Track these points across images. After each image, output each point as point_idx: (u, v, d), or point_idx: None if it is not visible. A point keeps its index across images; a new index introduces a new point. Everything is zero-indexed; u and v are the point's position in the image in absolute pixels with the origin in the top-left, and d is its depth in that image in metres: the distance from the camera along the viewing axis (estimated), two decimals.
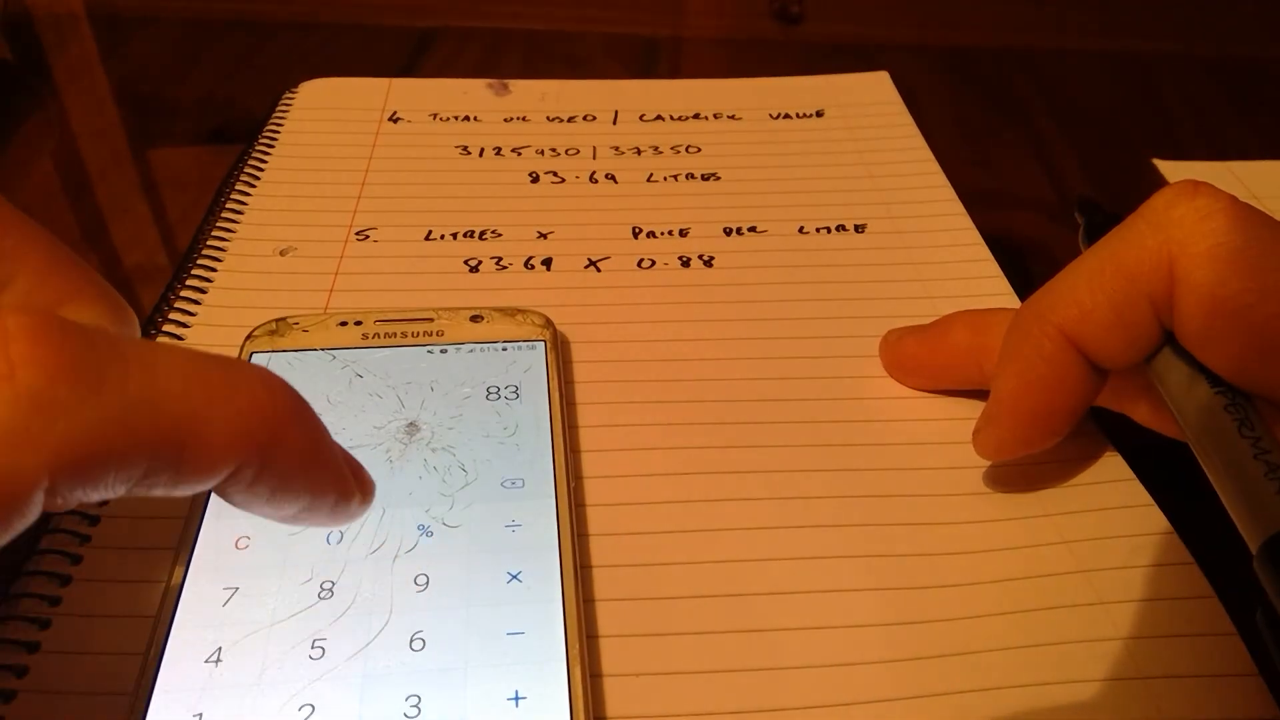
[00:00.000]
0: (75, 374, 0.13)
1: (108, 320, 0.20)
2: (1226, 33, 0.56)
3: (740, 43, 0.55)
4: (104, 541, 0.24)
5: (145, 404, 0.14)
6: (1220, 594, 0.23)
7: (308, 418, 0.16)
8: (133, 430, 0.14)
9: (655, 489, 0.26)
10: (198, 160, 0.42)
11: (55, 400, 0.13)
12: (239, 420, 0.15)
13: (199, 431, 0.14)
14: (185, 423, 0.14)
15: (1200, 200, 0.22)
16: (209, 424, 0.14)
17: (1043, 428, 0.25)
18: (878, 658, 0.22)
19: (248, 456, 0.15)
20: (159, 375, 0.14)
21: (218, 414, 0.15)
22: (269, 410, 0.15)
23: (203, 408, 0.14)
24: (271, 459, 0.15)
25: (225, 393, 0.15)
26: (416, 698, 0.20)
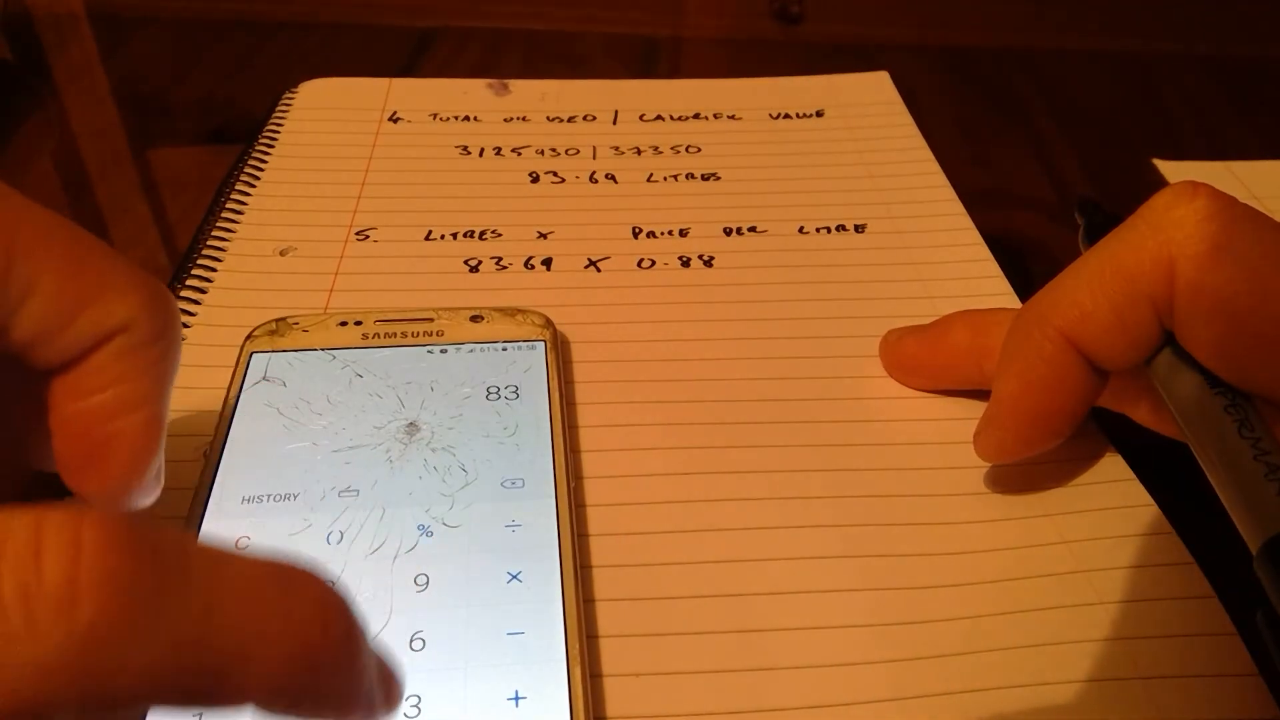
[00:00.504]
0: (138, 606, 0.12)
1: (145, 314, 0.19)
2: (1226, 33, 0.56)
3: (740, 43, 0.55)
4: None
5: (196, 645, 0.13)
6: (1220, 594, 0.23)
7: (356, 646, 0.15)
8: (177, 674, 0.13)
9: (655, 489, 0.26)
10: (198, 160, 0.42)
11: (111, 640, 0.12)
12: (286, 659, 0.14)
13: (242, 669, 0.13)
14: (231, 660, 0.13)
15: (1200, 201, 0.22)
16: (253, 662, 0.13)
17: (1044, 429, 0.25)
18: (877, 658, 0.22)
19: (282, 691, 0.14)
20: (216, 605, 0.13)
21: (266, 651, 0.13)
22: (318, 646, 0.14)
23: (252, 643, 0.13)
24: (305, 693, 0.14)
25: (280, 625, 0.14)
26: (416, 698, 0.20)
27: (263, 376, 0.28)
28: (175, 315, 0.20)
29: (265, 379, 0.27)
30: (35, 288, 0.18)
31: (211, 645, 0.13)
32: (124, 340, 0.19)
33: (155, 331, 0.19)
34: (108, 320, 0.19)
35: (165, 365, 0.20)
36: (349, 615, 0.14)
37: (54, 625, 0.12)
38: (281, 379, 0.27)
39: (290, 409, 0.27)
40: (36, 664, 0.12)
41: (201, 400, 0.28)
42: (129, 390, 0.19)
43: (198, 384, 0.29)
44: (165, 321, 0.20)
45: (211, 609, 0.13)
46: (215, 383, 0.28)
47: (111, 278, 0.19)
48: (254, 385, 0.27)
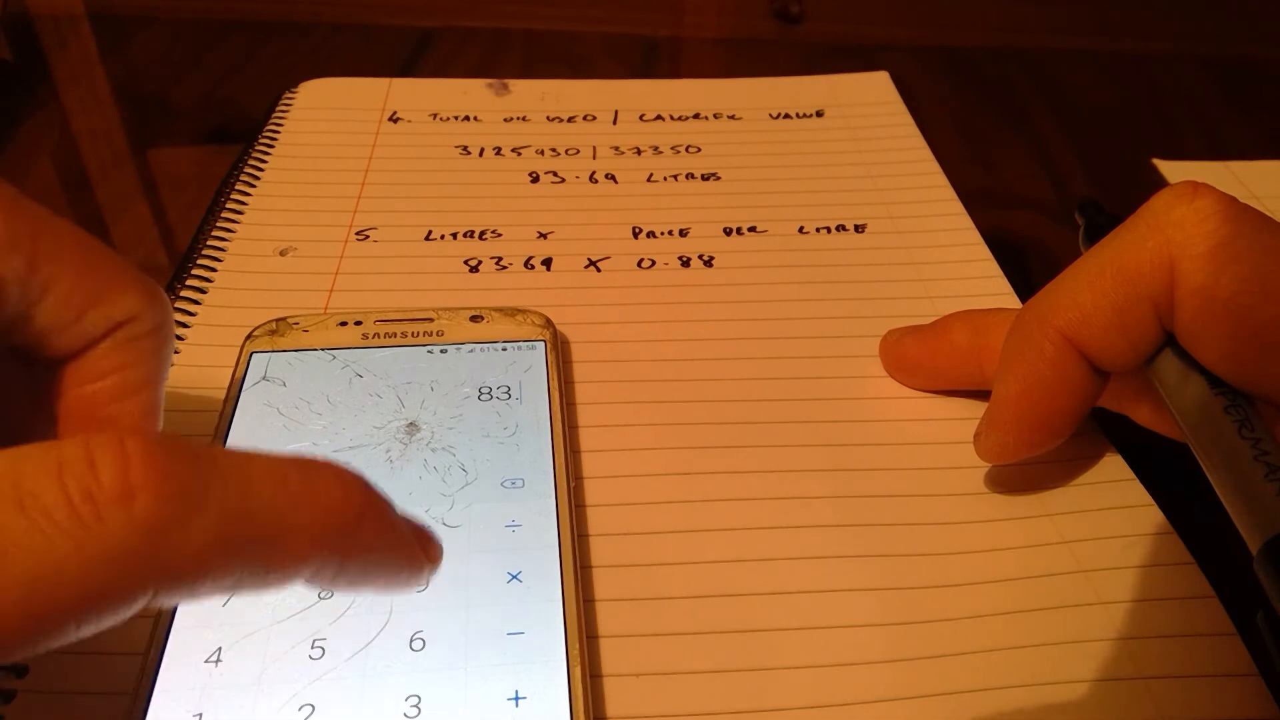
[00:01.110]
0: (185, 497, 0.14)
1: (145, 308, 0.21)
2: (1226, 33, 0.56)
3: (740, 43, 0.55)
4: None
5: (243, 515, 0.15)
6: (1220, 594, 0.23)
7: (382, 510, 0.17)
8: (230, 545, 0.15)
9: (655, 489, 0.26)
10: (198, 160, 0.42)
11: (168, 521, 0.14)
12: (320, 523, 0.16)
13: (285, 537, 0.15)
14: (274, 531, 0.15)
15: (1200, 202, 0.22)
16: (294, 529, 0.16)
17: (1045, 430, 0.25)
18: (877, 657, 0.22)
19: (328, 554, 0.16)
20: (251, 486, 0.15)
21: (301, 519, 0.16)
22: (346, 510, 0.16)
23: (289, 514, 0.16)
24: (349, 554, 0.16)
25: (307, 497, 0.16)
26: (416, 698, 0.20)
27: (263, 376, 0.28)
28: (170, 310, 0.22)
29: (265, 379, 0.27)
30: (53, 285, 0.20)
31: (255, 518, 0.15)
32: (127, 331, 0.21)
33: (154, 324, 0.21)
34: (114, 313, 0.21)
35: (162, 354, 0.22)
36: (367, 485, 0.17)
37: (116, 517, 0.14)
38: (281, 379, 0.27)
39: (290, 409, 0.27)
40: (109, 552, 0.14)
41: (201, 400, 0.28)
42: (130, 375, 0.21)
43: (198, 384, 0.29)
44: (163, 315, 0.22)
45: (247, 490, 0.15)
46: (215, 383, 0.28)
47: (117, 276, 0.21)
48: (254, 385, 0.27)
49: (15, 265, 0.19)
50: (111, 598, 0.14)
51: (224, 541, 0.15)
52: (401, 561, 0.17)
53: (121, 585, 0.14)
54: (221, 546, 0.15)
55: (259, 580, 0.15)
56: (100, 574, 0.14)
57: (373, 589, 0.17)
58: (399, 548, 0.17)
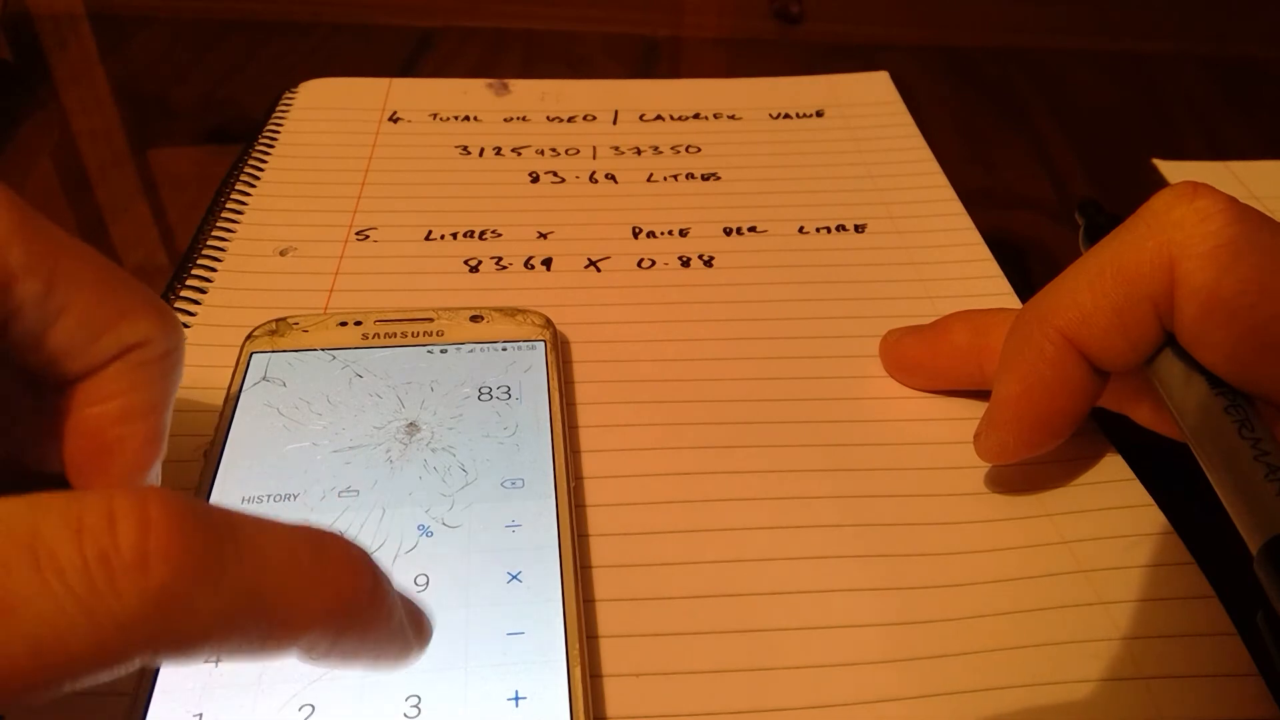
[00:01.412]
0: (199, 571, 0.14)
1: (157, 333, 0.21)
2: (1226, 33, 0.56)
3: (740, 43, 0.55)
4: None
5: (250, 595, 0.15)
6: (1220, 594, 0.23)
7: (383, 594, 0.17)
8: (234, 620, 0.15)
9: (655, 489, 0.26)
10: (198, 160, 0.42)
11: (178, 596, 0.14)
12: (324, 606, 0.16)
13: (289, 617, 0.15)
14: (279, 610, 0.15)
15: (1200, 202, 0.22)
16: (299, 609, 0.16)
17: (1045, 431, 0.25)
18: (877, 658, 0.22)
19: (324, 635, 0.16)
20: (265, 564, 0.15)
21: (306, 600, 0.16)
22: (351, 595, 0.16)
23: (296, 595, 0.16)
24: (345, 634, 0.16)
25: (317, 578, 0.16)
26: (416, 698, 0.20)
27: (263, 376, 0.28)
28: (182, 335, 0.22)
29: (265, 379, 0.27)
30: (69, 308, 0.20)
31: (265, 597, 0.15)
32: (138, 355, 0.21)
33: (166, 349, 0.22)
34: (127, 337, 0.21)
35: (171, 378, 0.22)
36: (374, 566, 0.17)
37: (130, 586, 0.14)
38: (281, 379, 0.27)
39: (290, 409, 0.27)
40: (117, 619, 0.14)
41: (201, 400, 0.28)
42: (138, 399, 0.21)
43: (198, 384, 0.29)
44: (174, 340, 0.22)
45: (261, 567, 0.15)
46: (215, 383, 0.28)
47: (132, 301, 0.21)
48: (254, 385, 0.27)
49: (33, 289, 0.19)
50: (111, 661, 0.14)
51: (230, 617, 0.15)
52: (393, 644, 0.17)
53: (124, 651, 0.14)
54: (226, 621, 0.15)
55: (254, 651, 0.15)
56: (104, 640, 0.14)
57: (359, 666, 0.17)
58: (393, 632, 0.17)
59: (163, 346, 0.21)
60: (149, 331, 0.21)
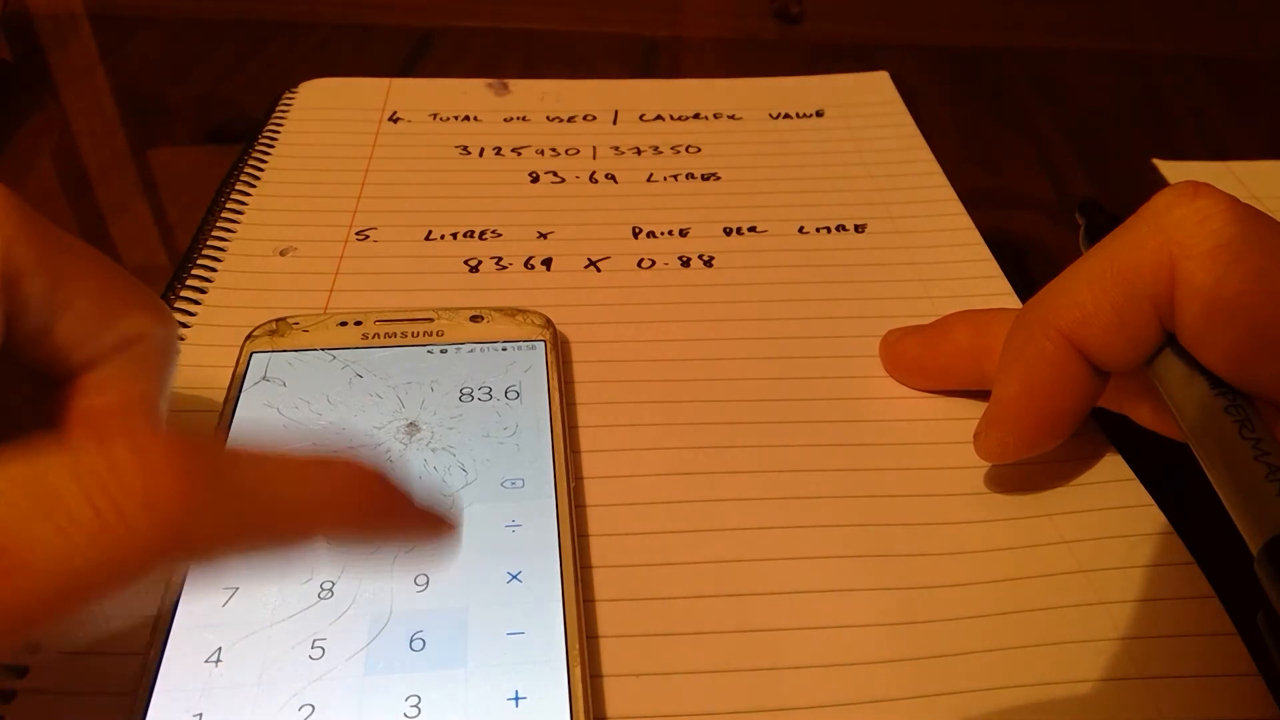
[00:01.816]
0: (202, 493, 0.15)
1: (155, 327, 0.22)
2: (1226, 33, 0.56)
3: (740, 43, 0.55)
4: None
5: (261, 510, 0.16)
6: (1220, 594, 0.23)
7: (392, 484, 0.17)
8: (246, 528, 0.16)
9: (655, 489, 0.26)
10: (198, 160, 0.42)
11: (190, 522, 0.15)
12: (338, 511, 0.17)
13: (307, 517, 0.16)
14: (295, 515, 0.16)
15: (1200, 201, 0.22)
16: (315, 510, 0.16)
17: (1045, 430, 0.25)
18: (878, 658, 0.22)
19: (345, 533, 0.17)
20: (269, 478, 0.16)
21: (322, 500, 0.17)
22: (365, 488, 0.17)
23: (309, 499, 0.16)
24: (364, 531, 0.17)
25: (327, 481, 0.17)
26: (416, 698, 0.20)
27: (263, 376, 0.28)
28: (176, 330, 0.23)
29: (265, 379, 0.27)
30: (73, 303, 0.21)
31: (274, 508, 0.16)
32: (137, 348, 0.22)
33: (162, 342, 0.23)
34: (128, 331, 0.22)
35: (167, 370, 0.23)
36: (381, 465, 0.17)
37: (141, 521, 0.14)
38: (281, 379, 0.27)
39: (290, 409, 0.27)
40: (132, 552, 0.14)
41: (201, 400, 0.28)
42: (136, 389, 0.22)
43: (198, 384, 0.29)
44: (170, 333, 0.23)
45: (266, 479, 0.16)
46: (215, 383, 0.28)
47: (131, 296, 0.22)
48: (254, 385, 0.27)
49: (40, 285, 0.20)
50: (130, 581, 0.14)
51: (243, 529, 0.15)
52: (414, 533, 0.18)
53: (142, 572, 0.15)
54: (241, 533, 0.15)
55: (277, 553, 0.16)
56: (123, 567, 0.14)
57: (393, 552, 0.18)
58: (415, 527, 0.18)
59: (159, 340, 0.22)
60: (147, 326, 0.22)
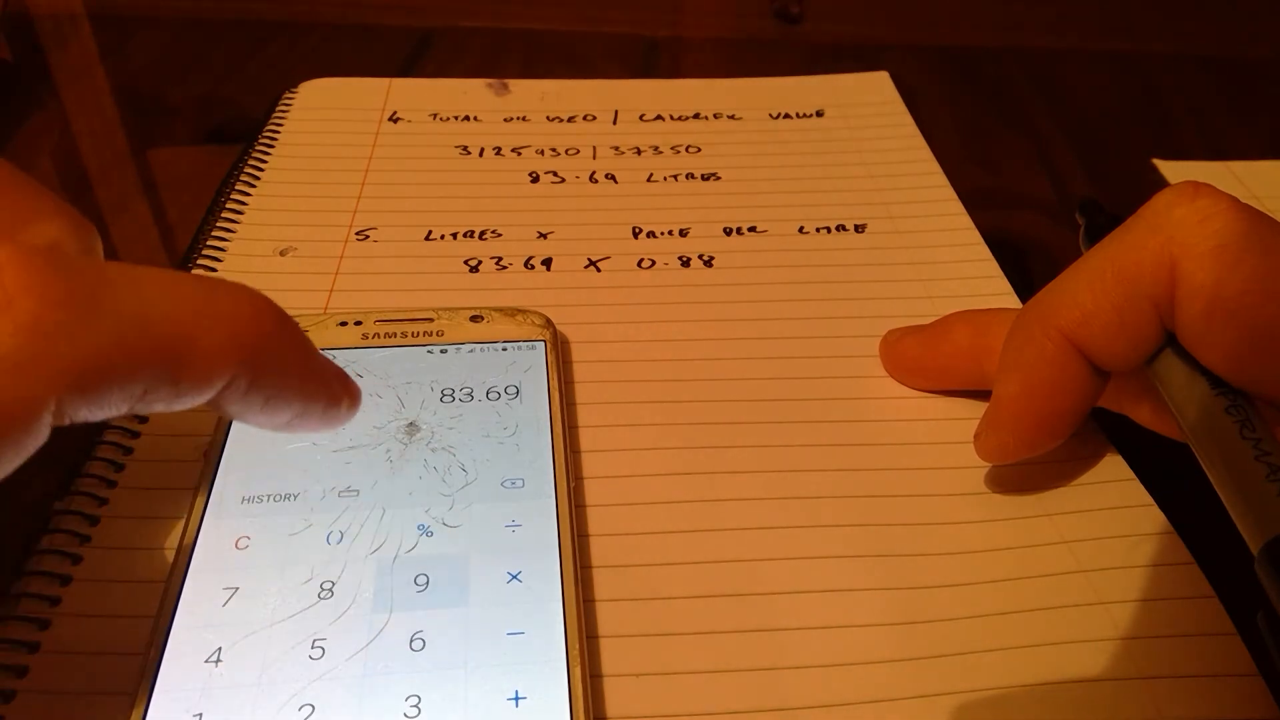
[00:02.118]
0: (70, 299, 0.14)
1: (71, 237, 0.21)
2: (1226, 33, 0.56)
3: (740, 43, 0.55)
4: (104, 541, 0.24)
5: (139, 321, 0.15)
6: (1220, 594, 0.23)
7: (291, 328, 0.17)
8: (130, 347, 0.15)
9: (655, 489, 0.26)
10: (198, 160, 0.42)
11: (56, 325, 0.14)
12: (228, 332, 0.16)
13: (191, 345, 0.15)
14: (178, 338, 0.15)
15: (1201, 201, 0.22)
16: (200, 338, 0.15)
17: (1046, 431, 0.25)
18: (878, 657, 0.22)
19: (239, 367, 0.16)
20: (147, 295, 0.15)
21: (207, 328, 0.16)
22: (255, 322, 0.16)
23: (192, 323, 0.15)
24: (262, 367, 0.16)
25: (211, 308, 0.16)
26: (416, 698, 0.20)
27: None
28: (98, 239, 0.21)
29: None
30: None
31: (153, 325, 0.15)
32: None
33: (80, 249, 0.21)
34: (37, 239, 0.20)
35: None
36: (278, 308, 0.17)
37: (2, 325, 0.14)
38: None
39: None
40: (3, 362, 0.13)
41: None
42: None
43: None
44: (88, 242, 0.21)
45: (142, 299, 0.15)
46: None
47: (40, 204, 0.20)
48: None
49: None
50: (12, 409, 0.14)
51: (123, 345, 0.14)
52: (318, 387, 0.17)
53: (17, 394, 0.14)
54: (121, 351, 0.14)
55: (169, 390, 0.15)
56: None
57: (289, 417, 0.17)
58: (315, 372, 0.17)
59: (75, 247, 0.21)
60: (58, 233, 0.20)
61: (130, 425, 0.27)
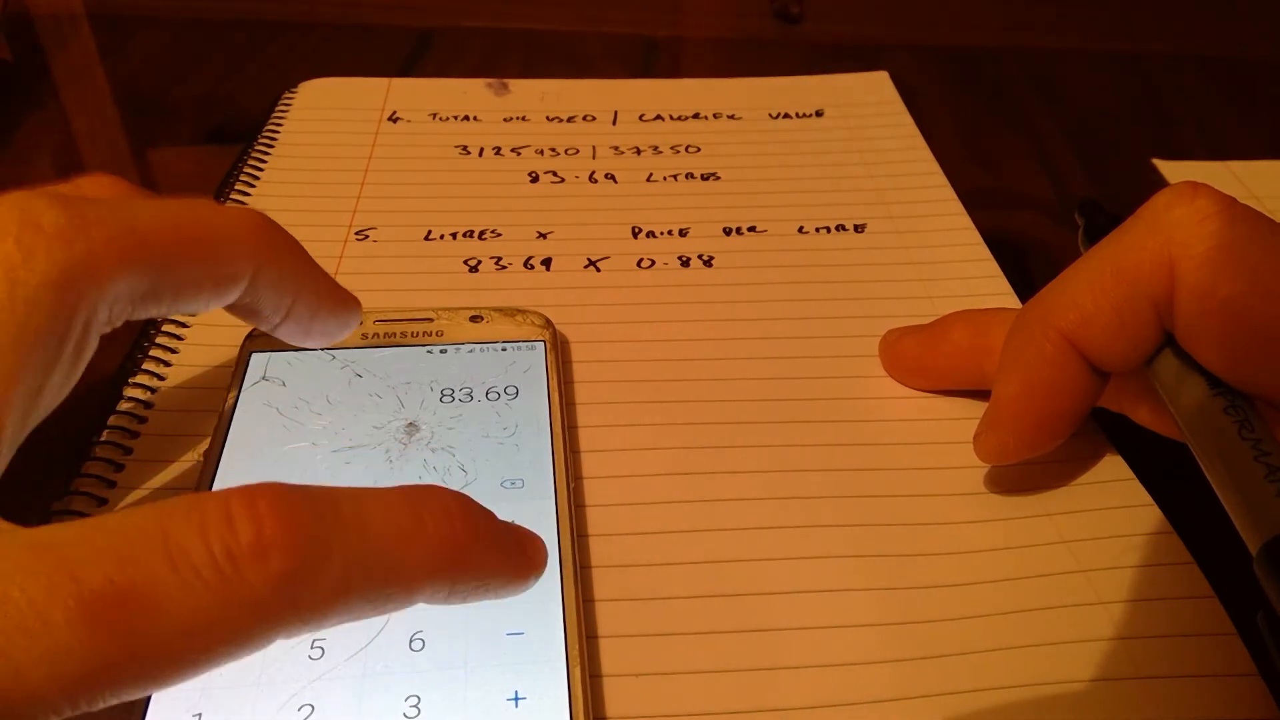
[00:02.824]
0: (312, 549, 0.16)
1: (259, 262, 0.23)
2: (1226, 33, 0.56)
3: (740, 43, 0.55)
4: None
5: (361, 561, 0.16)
6: (1220, 594, 0.23)
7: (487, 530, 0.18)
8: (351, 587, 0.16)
9: (655, 489, 0.26)
10: (198, 160, 0.42)
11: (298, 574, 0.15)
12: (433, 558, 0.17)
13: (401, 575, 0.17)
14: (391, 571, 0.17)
15: (1199, 202, 0.22)
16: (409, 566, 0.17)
17: (1045, 431, 0.25)
18: (877, 658, 0.22)
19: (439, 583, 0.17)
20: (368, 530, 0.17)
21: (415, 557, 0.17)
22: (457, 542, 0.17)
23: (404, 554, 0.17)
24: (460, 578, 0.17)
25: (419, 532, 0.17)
26: (416, 698, 0.20)
27: (262, 376, 0.28)
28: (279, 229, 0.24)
29: (265, 379, 0.27)
30: None
31: (373, 560, 0.16)
32: None
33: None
34: None
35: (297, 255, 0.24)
36: (472, 509, 0.18)
37: (255, 574, 0.15)
38: (281, 379, 0.27)
39: (290, 409, 0.27)
40: (248, 604, 0.15)
41: (201, 400, 0.28)
42: None
43: (198, 384, 0.29)
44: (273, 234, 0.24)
45: (365, 534, 0.16)
46: (215, 383, 0.28)
47: None
48: (254, 385, 0.27)
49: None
50: (249, 642, 0.15)
51: (346, 585, 0.16)
52: (510, 573, 0.18)
53: (258, 631, 0.15)
54: (344, 590, 0.16)
55: (376, 609, 0.17)
56: (240, 622, 0.15)
57: (486, 598, 0.18)
58: (506, 562, 0.18)
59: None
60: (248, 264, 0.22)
61: (130, 425, 0.27)
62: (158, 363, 0.30)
